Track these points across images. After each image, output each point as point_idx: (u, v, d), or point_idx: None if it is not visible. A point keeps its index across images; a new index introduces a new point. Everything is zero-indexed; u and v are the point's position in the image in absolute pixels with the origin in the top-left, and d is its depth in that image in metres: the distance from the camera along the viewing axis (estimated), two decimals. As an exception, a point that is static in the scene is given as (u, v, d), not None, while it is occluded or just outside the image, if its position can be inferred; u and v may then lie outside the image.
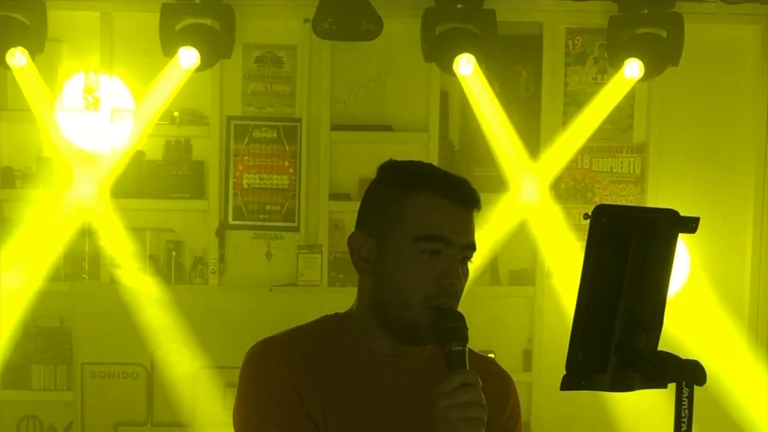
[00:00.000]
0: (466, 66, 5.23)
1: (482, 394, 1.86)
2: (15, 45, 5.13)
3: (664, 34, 5.30)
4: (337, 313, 2.13)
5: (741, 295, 5.62)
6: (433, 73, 5.52)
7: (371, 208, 2.08)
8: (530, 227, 5.56)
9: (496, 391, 2.11)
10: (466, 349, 1.92)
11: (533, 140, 5.55)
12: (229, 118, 5.60)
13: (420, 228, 1.99)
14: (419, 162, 2.09)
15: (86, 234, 5.52)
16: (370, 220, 2.07)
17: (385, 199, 2.05)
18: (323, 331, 2.10)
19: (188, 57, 5.21)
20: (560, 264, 5.51)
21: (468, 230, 2.02)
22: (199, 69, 5.31)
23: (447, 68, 5.33)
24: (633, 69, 5.29)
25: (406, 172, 2.06)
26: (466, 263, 2.02)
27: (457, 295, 1.99)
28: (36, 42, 5.21)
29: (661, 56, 5.31)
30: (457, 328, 1.93)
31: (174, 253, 5.55)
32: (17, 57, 5.15)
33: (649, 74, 5.36)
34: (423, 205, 2.00)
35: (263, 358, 2.04)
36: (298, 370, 2.00)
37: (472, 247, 2.03)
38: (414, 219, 2.00)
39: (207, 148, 5.60)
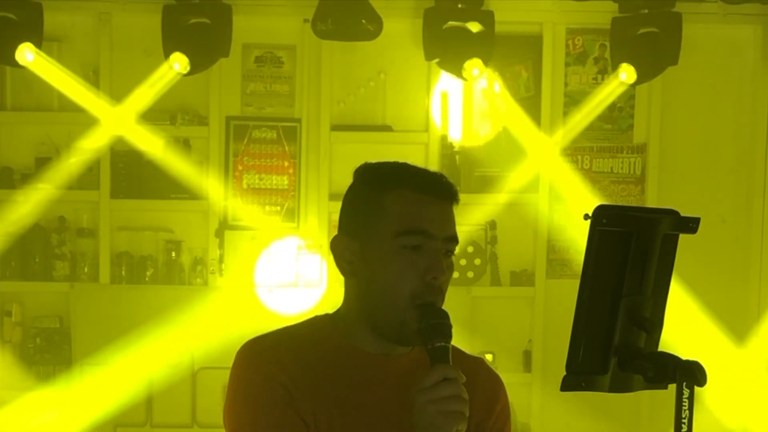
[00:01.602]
0: (475, 70, 5.24)
1: (464, 389, 1.86)
2: (11, 45, 5.11)
3: (663, 34, 5.30)
4: (327, 313, 2.13)
5: (741, 296, 5.61)
6: (432, 73, 5.52)
7: (351, 210, 2.09)
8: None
9: (486, 391, 2.11)
10: (450, 346, 1.92)
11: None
12: (229, 119, 5.59)
13: (400, 224, 1.99)
14: (394, 161, 2.09)
15: (86, 234, 5.54)
16: (351, 223, 2.07)
17: (363, 200, 2.06)
18: (314, 330, 2.09)
19: (180, 61, 5.20)
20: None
21: (448, 223, 2.03)
22: (199, 69, 5.30)
23: (449, 68, 5.33)
24: (625, 75, 5.30)
25: (382, 172, 2.07)
26: (449, 257, 2.03)
27: (441, 289, 2.00)
28: (33, 43, 5.19)
29: (661, 56, 5.31)
30: (440, 325, 1.93)
31: (173, 254, 5.54)
32: (26, 53, 5.13)
33: (649, 75, 5.36)
34: (401, 202, 2.00)
35: (253, 358, 2.03)
36: (289, 369, 1.99)
37: (454, 240, 2.03)
38: (393, 216, 2.00)
39: (206, 148, 5.59)
